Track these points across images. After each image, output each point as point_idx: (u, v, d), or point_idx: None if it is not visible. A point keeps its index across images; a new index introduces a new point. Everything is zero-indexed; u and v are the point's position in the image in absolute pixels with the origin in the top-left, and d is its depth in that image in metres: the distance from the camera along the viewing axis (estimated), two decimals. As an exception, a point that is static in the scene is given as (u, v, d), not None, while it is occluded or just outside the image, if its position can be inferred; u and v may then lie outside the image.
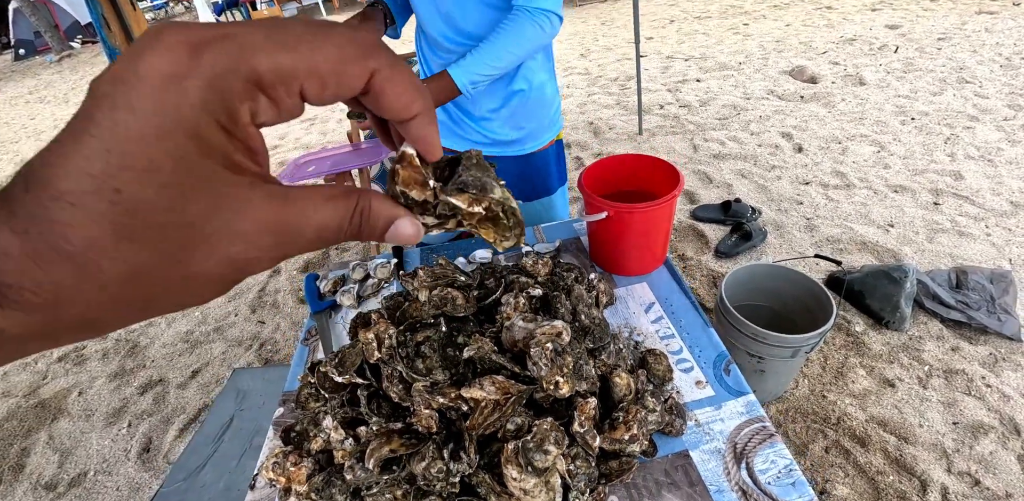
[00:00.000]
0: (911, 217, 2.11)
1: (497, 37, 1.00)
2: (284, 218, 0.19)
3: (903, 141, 2.66)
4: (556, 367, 0.54)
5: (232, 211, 0.18)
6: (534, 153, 1.30)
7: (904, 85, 3.26)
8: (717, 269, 1.98)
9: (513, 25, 1.00)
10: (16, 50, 12.58)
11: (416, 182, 0.25)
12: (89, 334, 0.18)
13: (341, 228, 0.22)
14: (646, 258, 0.95)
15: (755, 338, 1.22)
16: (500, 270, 0.80)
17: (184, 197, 0.17)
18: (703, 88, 3.69)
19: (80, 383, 2.01)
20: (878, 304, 1.68)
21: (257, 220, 0.19)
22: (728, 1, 6.09)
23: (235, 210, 0.18)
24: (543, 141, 1.29)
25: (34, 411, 1.91)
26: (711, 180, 2.57)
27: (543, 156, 1.32)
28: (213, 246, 0.18)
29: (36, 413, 1.90)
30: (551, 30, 1.03)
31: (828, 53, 3.98)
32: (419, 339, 0.63)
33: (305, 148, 3.86)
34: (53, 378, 2.06)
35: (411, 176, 0.25)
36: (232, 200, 0.18)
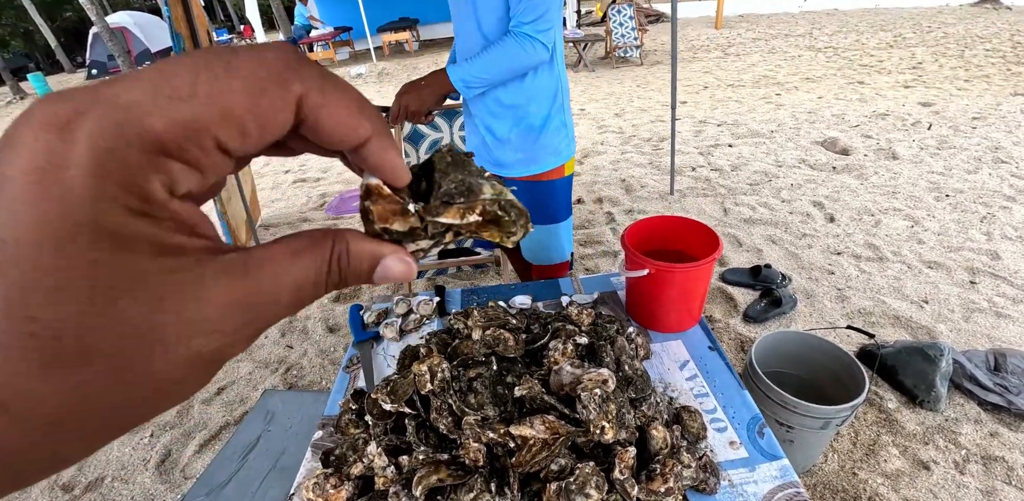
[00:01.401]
0: (946, 294, 2.09)
1: (489, 51, 1.23)
2: (250, 290, 0.17)
3: (937, 217, 2.67)
4: (603, 412, 0.58)
5: (181, 301, 0.15)
6: (541, 181, 1.45)
7: (938, 162, 3.31)
8: (745, 333, 1.97)
9: (502, 44, 1.23)
10: (89, 70, 13.92)
11: (394, 213, 0.23)
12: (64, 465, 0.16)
13: (319, 282, 0.19)
14: (682, 316, 0.99)
15: (785, 406, 1.22)
16: (545, 317, 0.85)
17: (115, 304, 0.14)
18: (735, 153, 3.81)
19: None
20: (912, 381, 1.65)
21: (217, 302, 0.16)
22: (761, 71, 6.38)
23: (185, 299, 0.15)
24: (546, 165, 1.43)
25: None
26: (741, 244, 2.61)
27: (550, 186, 1.46)
28: (170, 346, 0.15)
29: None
30: (533, 53, 1.23)
31: (860, 126, 4.10)
32: (471, 375, 0.67)
33: (347, 182, 4.07)
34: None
35: (386, 209, 0.23)
36: (178, 288, 0.15)
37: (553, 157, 1.43)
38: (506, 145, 1.41)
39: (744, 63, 6.93)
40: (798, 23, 9.96)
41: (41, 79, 11.19)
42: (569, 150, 1.47)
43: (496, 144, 1.43)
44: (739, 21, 10.81)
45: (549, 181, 1.46)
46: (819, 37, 8.32)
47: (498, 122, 1.39)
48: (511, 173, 1.46)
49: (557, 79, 1.38)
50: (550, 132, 1.40)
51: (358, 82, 8.46)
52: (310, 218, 3.49)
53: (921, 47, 6.96)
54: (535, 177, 1.45)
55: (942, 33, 7.81)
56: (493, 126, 1.40)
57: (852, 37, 8.09)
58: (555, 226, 1.54)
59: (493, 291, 1.20)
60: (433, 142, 2.42)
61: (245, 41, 16.62)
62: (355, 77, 8.67)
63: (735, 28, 9.90)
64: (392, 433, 0.75)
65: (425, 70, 8.62)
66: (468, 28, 1.31)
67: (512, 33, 1.22)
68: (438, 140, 2.42)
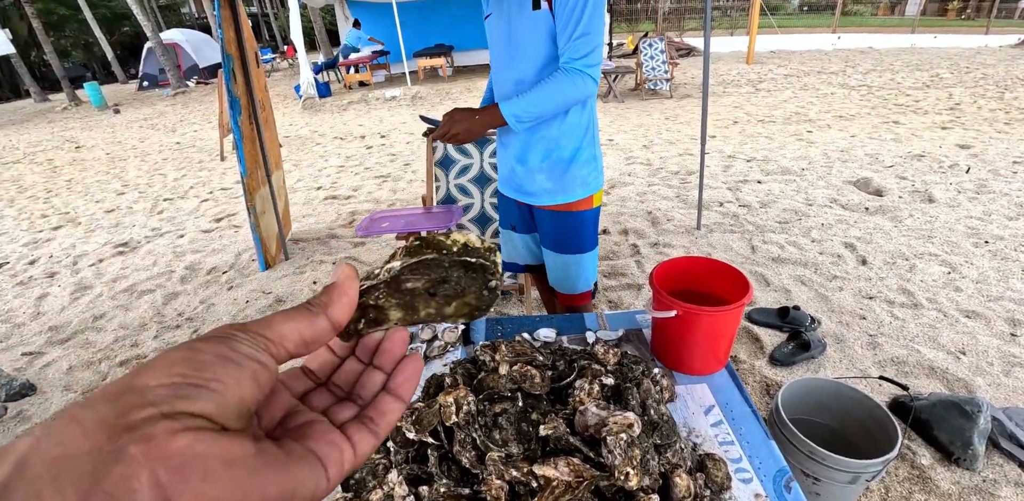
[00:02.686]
0: (985, 346, 2.01)
1: (541, 87, 1.26)
2: None
3: (976, 264, 2.59)
4: (628, 458, 0.57)
5: None
6: (569, 212, 1.48)
7: (977, 206, 3.23)
8: (771, 377, 1.92)
9: (555, 80, 1.26)
10: (141, 81, 14.81)
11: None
12: None
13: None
14: (708, 360, 0.98)
15: (812, 457, 1.17)
16: (570, 354, 0.85)
17: None
18: (764, 190, 3.78)
19: (135, 401, 2.12)
20: (947, 437, 1.57)
21: None
22: (792, 108, 6.37)
23: None
24: (574, 196, 1.45)
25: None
26: (768, 283, 2.56)
27: (578, 217, 1.49)
28: None
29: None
30: (584, 88, 1.27)
31: (895, 167, 4.03)
32: (496, 410, 0.68)
33: (376, 202, 4.17)
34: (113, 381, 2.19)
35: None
36: None
37: (582, 188, 1.46)
38: (536, 175, 1.45)
39: (775, 99, 6.95)
40: (831, 60, 9.98)
41: (96, 88, 11.88)
42: (597, 182, 1.50)
43: (526, 174, 1.47)
44: (771, 57, 10.89)
45: (577, 212, 1.49)
46: (853, 75, 8.31)
47: (530, 152, 1.43)
48: (540, 202, 1.49)
49: (589, 112, 1.42)
50: (580, 164, 1.44)
51: (392, 104, 8.75)
52: (338, 235, 3.57)
53: (959, 87, 6.88)
54: (563, 207, 1.48)
55: (981, 74, 7.72)
56: (525, 156, 1.44)
57: (887, 76, 8.05)
58: (580, 256, 1.56)
59: (518, 322, 1.21)
60: (463, 167, 2.48)
61: (287, 61, 17.48)
62: (389, 100, 8.97)
63: (766, 64, 9.97)
64: (413, 462, 0.75)
65: (457, 95, 8.88)
66: (507, 60, 1.36)
67: (564, 69, 1.26)
68: (468, 166, 2.47)
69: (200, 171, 5.66)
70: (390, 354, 0.30)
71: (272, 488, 0.19)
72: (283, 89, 11.46)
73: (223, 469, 0.18)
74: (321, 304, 0.26)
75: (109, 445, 0.17)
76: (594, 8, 1.21)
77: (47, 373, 2.32)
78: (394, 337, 0.30)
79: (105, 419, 0.17)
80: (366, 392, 0.29)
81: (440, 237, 0.31)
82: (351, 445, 0.24)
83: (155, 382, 0.19)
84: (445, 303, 0.31)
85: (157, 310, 2.79)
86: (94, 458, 0.17)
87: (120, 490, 0.16)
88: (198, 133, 7.91)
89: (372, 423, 0.26)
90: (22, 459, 0.16)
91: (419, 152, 5.49)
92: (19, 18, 17.05)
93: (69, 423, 0.17)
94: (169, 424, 0.18)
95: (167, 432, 0.18)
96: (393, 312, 0.30)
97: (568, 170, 1.43)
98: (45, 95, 14.95)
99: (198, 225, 4.02)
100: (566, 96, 1.27)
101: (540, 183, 1.45)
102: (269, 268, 3.13)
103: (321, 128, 7.44)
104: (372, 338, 0.30)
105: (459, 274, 0.31)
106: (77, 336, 2.61)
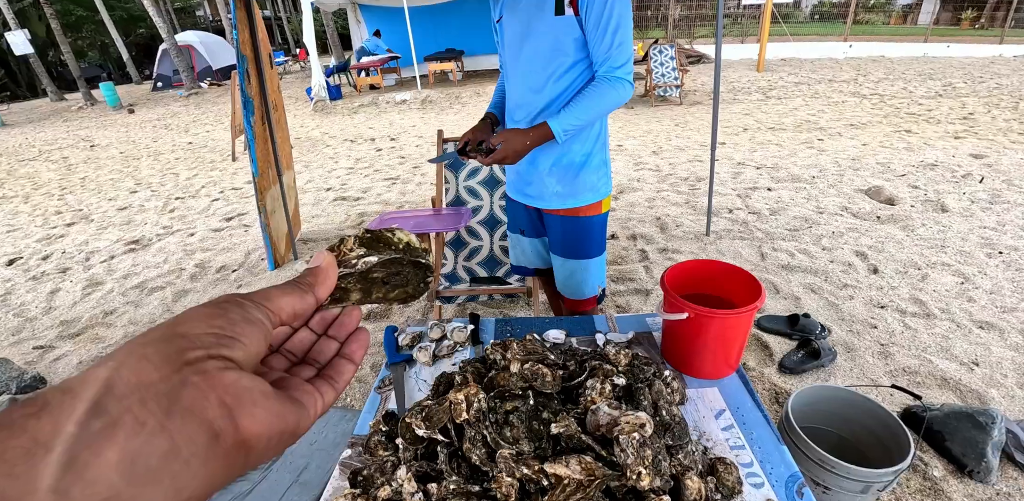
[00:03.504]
0: (999, 358, 1.98)
1: (584, 97, 1.27)
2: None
3: (990, 275, 2.55)
4: (640, 458, 0.57)
5: None
6: (577, 217, 1.47)
7: (990, 216, 3.19)
8: (780, 384, 1.90)
9: (599, 90, 1.26)
10: (155, 82, 15.05)
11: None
12: None
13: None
14: (719, 363, 0.97)
15: (822, 465, 1.16)
16: (581, 354, 0.84)
17: None
18: (774, 197, 3.76)
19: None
20: (960, 449, 1.54)
21: None
22: (803, 115, 6.35)
23: None
24: (583, 201, 1.45)
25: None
26: (778, 291, 2.54)
27: (586, 222, 1.49)
28: None
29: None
30: (626, 96, 1.29)
31: (907, 176, 4.00)
32: (508, 408, 0.67)
33: (385, 203, 4.19)
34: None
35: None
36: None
37: (591, 194, 1.46)
38: (546, 179, 1.45)
39: (786, 107, 6.92)
40: (842, 69, 9.94)
41: (111, 88, 12.05)
42: (607, 188, 1.49)
43: (536, 178, 1.47)
44: (781, 65, 10.87)
45: (585, 217, 1.49)
46: (864, 83, 8.27)
47: (541, 157, 1.42)
48: (549, 206, 1.49)
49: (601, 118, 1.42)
50: (591, 169, 1.44)
51: (403, 107, 8.80)
52: (347, 235, 3.58)
53: (972, 97, 6.83)
54: (571, 211, 1.48)
55: (995, 84, 7.66)
56: (536, 160, 1.44)
57: (899, 85, 8.01)
58: (587, 261, 1.55)
59: (527, 323, 1.21)
60: (473, 169, 2.49)
61: (300, 64, 17.68)
62: (400, 103, 9.04)
63: (777, 72, 9.95)
64: (422, 459, 0.75)
65: (467, 99, 8.92)
66: (523, 66, 1.34)
67: (607, 78, 1.26)
68: (478, 168, 2.48)
69: (212, 171, 5.72)
70: (346, 327, 0.35)
71: (291, 417, 0.24)
72: (295, 91, 11.58)
73: (262, 398, 0.23)
74: (308, 284, 0.31)
75: (176, 376, 0.21)
76: (626, 16, 1.22)
77: (57, 367, 2.34)
78: (352, 313, 0.36)
79: (168, 356, 0.21)
80: (322, 357, 0.33)
81: (387, 233, 0.39)
82: (320, 394, 0.29)
83: (199, 331, 0.23)
84: (391, 290, 0.38)
85: (167, 307, 2.81)
86: (167, 384, 0.20)
87: (196, 407, 0.20)
88: (210, 133, 8.00)
89: (332, 380, 0.31)
90: (107, 383, 0.20)
91: (428, 155, 5.52)
92: (38, 19, 17.39)
93: (138, 358, 0.21)
94: (217, 363, 0.22)
95: (217, 369, 0.22)
96: (354, 294, 0.36)
97: (579, 175, 1.42)
98: (61, 94, 15.20)
99: (209, 224, 4.05)
100: (610, 105, 1.28)
101: (550, 187, 1.45)
102: (278, 267, 3.15)
103: (332, 130, 7.50)
104: (331, 313, 0.36)
105: (410, 270, 0.39)
106: (87, 331, 2.63)
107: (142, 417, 0.19)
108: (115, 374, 0.20)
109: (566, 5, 1.23)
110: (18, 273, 3.39)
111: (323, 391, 0.29)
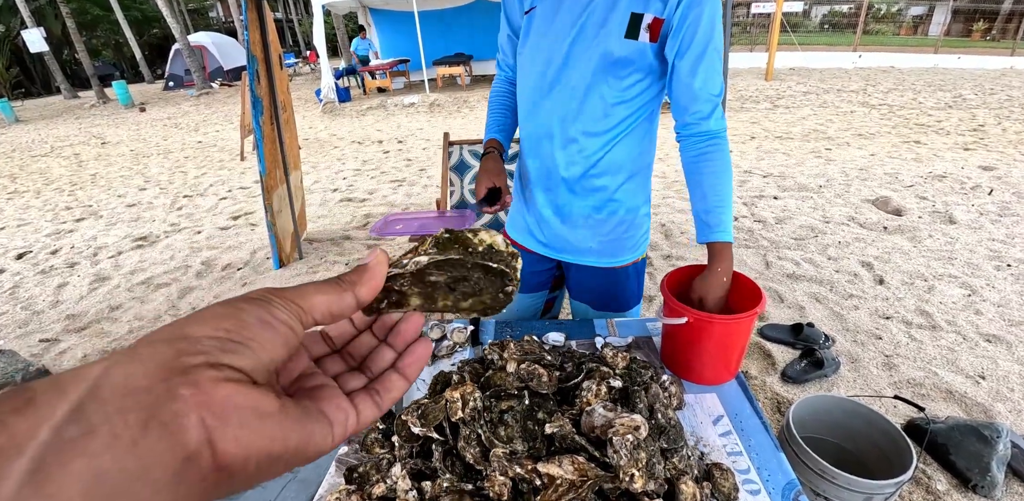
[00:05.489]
0: (1006, 371, 1.95)
1: (720, 181, 1.00)
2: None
3: (997, 288, 2.53)
4: (633, 460, 0.57)
5: None
6: (616, 270, 1.22)
7: (999, 229, 3.16)
8: (783, 393, 1.89)
9: (721, 161, 1.00)
10: (167, 81, 15.21)
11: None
12: None
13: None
14: (719, 369, 0.96)
15: (823, 475, 1.14)
16: (579, 356, 0.84)
17: None
18: (780, 206, 3.75)
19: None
20: (964, 463, 1.52)
21: None
22: (811, 125, 6.33)
23: None
24: (622, 260, 1.21)
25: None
26: (783, 300, 2.53)
27: (624, 273, 1.24)
28: None
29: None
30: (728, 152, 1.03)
31: (915, 187, 3.98)
32: (503, 407, 0.67)
33: (390, 205, 4.21)
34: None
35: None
36: None
37: (631, 252, 1.21)
38: (578, 231, 1.17)
39: (794, 116, 6.91)
40: (851, 79, 9.92)
41: (124, 86, 12.21)
42: (647, 240, 1.24)
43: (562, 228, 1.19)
44: (790, 74, 10.86)
45: (623, 268, 1.23)
46: (873, 94, 8.25)
47: (574, 205, 1.15)
48: (575, 261, 1.23)
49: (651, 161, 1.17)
50: (635, 226, 1.18)
51: (411, 111, 8.86)
52: (352, 236, 3.60)
53: (983, 109, 6.79)
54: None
55: (1006, 96, 7.62)
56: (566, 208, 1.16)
57: (908, 95, 7.98)
58: (624, 315, 1.29)
59: (527, 326, 1.21)
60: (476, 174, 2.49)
61: (310, 66, 17.84)
62: (408, 106, 9.09)
63: (785, 80, 9.94)
64: (417, 457, 0.75)
65: (475, 103, 8.96)
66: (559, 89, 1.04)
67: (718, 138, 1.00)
68: (485, 171, 2.49)
69: (220, 170, 5.77)
70: (404, 335, 0.32)
71: (292, 439, 0.22)
72: (304, 93, 11.68)
73: (255, 419, 0.21)
74: (350, 282, 0.28)
75: (164, 385, 0.19)
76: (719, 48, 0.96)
77: (62, 360, 2.36)
78: (411, 320, 0.32)
79: (163, 360, 0.20)
80: (376, 367, 0.31)
81: (468, 234, 0.34)
82: (356, 412, 0.26)
83: (203, 333, 0.21)
84: (462, 298, 0.34)
85: (172, 303, 2.83)
86: (153, 394, 0.19)
87: (173, 424, 0.19)
88: (220, 133, 8.08)
89: (377, 395, 0.28)
90: (95, 384, 0.19)
91: (435, 158, 5.54)
92: (54, 17, 17.65)
93: (133, 359, 0.20)
94: (214, 373, 0.20)
95: (212, 380, 0.20)
96: (414, 299, 0.33)
97: (620, 230, 1.16)
98: (75, 92, 15.41)
99: (215, 222, 4.08)
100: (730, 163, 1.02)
101: (581, 241, 1.17)
102: (283, 267, 3.16)
103: (340, 132, 7.55)
104: (390, 318, 0.33)
105: (479, 275, 0.33)
106: (93, 325, 2.65)
107: (118, 429, 0.18)
108: (105, 375, 0.19)
109: (643, 28, 0.94)
110: (27, 267, 3.42)
111: (361, 407, 0.27)
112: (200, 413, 0.19)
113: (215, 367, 0.20)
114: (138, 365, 0.19)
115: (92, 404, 0.18)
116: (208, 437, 0.19)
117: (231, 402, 0.20)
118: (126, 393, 0.18)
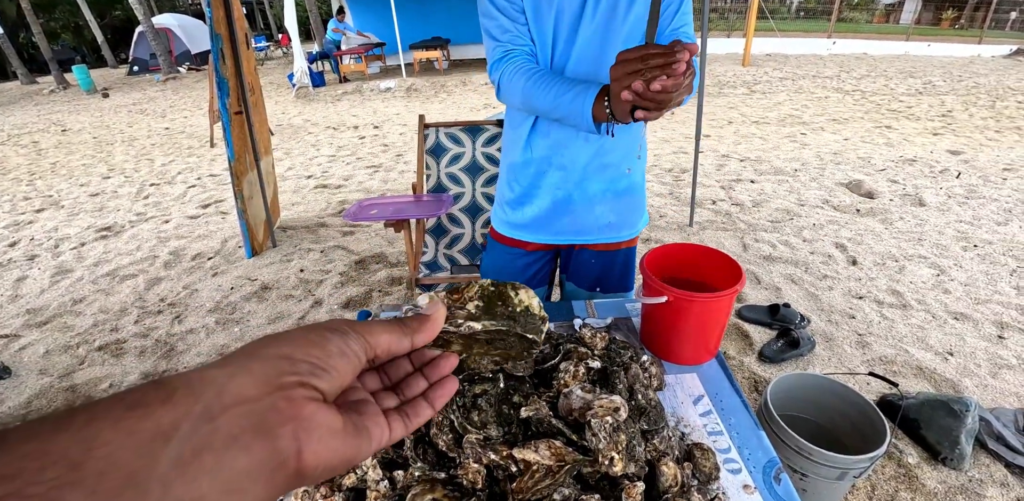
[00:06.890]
0: (972, 348, 2.01)
1: None
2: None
3: (965, 267, 2.59)
4: (613, 442, 0.54)
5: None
6: (619, 251, 1.26)
7: (966, 211, 3.25)
8: (760, 373, 1.91)
9: None
10: (131, 66, 14.56)
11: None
12: None
13: None
14: (699, 349, 0.95)
15: (800, 452, 1.16)
16: (556, 337, 0.82)
17: None
18: (757, 189, 3.78)
19: (113, 375, 2.08)
20: (935, 437, 1.56)
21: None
22: (787, 110, 6.39)
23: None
24: (636, 229, 1.25)
25: (64, 394, 1.97)
26: (759, 281, 2.55)
27: (626, 253, 1.28)
28: None
29: (65, 396, 1.96)
30: None
31: (887, 171, 4.05)
32: (476, 391, 0.64)
33: (367, 191, 4.12)
34: (90, 365, 2.15)
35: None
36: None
37: (642, 219, 1.26)
38: (595, 207, 1.19)
39: (770, 101, 6.96)
40: (826, 65, 10.03)
41: (84, 71, 11.59)
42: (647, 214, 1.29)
43: (584, 207, 1.19)
44: (766, 59, 10.92)
45: (626, 248, 1.28)
46: (847, 80, 8.36)
47: (590, 181, 1.16)
48: (596, 240, 1.24)
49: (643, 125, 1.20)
50: (641, 188, 1.22)
51: (387, 96, 8.66)
52: (328, 223, 3.52)
53: (951, 95, 6.94)
54: (613, 245, 1.26)
55: (973, 83, 7.79)
56: (586, 185, 1.16)
57: (881, 82, 8.10)
58: (626, 295, 1.34)
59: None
60: (455, 156, 2.44)
61: (281, 49, 17.27)
62: (384, 91, 8.88)
63: (762, 66, 10.00)
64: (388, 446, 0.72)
65: (453, 88, 8.80)
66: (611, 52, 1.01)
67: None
68: (460, 155, 2.43)
69: (189, 157, 5.56)
70: (439, 370, 0.36)
71: (347, 453, 0.26)
72: (277, 77, 11.31)
73: (328, 435, 0.25)
74: (412, 328, 0.33)
75: (268, 398, 0.23)
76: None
77: (23, 356, 2.26)
78: (448, 359, 0.37)
79: (268, 376, 0.24)
80: (409, 391, 0.34)
81: (510, 291, 0.41)
82: (389, 429, 0.30)
83: (299, 357, 0.25)
84: (493, 350, 0.41)
85: (139, 295, 2.72)
86: (260, 404, 0.23)
87: (274, 433, 0.22)
88: (188, 119, 7.78)
89: (407, 418, 0.32)
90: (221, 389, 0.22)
91: (412, 143, 5.43)
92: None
93: (247, 371, 0.24)
94: (304, 392, 0.24)
95: (303, 398, 0.24)
96: (455, 346, 0.40)
97: (633, 197, 1.21)
98: (33, 77, 14.62)
99: (184, 211, 3.94)
100: None
101: (600, 217, 1.19)
102: (256, 255, 3.07)
103: (314, 117, 7.35)
104: (431, 352, 0.37)
105: (514, 340, 0.41)
106: (55, 320, 2.54)
107: (235, 431, 0.21)
108: (228, 382, 0.22)
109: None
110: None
111: (394, 426, 0.30)
112: (292, 425, 0.23)
113: (305, 386, 0.25)
114: (250, 377, 0.23)
115: (217, 406, 0.21)
116: (298, 447, 0.23)
117: (315, 420, 0.24)
118: (241, 401, 0.22)
